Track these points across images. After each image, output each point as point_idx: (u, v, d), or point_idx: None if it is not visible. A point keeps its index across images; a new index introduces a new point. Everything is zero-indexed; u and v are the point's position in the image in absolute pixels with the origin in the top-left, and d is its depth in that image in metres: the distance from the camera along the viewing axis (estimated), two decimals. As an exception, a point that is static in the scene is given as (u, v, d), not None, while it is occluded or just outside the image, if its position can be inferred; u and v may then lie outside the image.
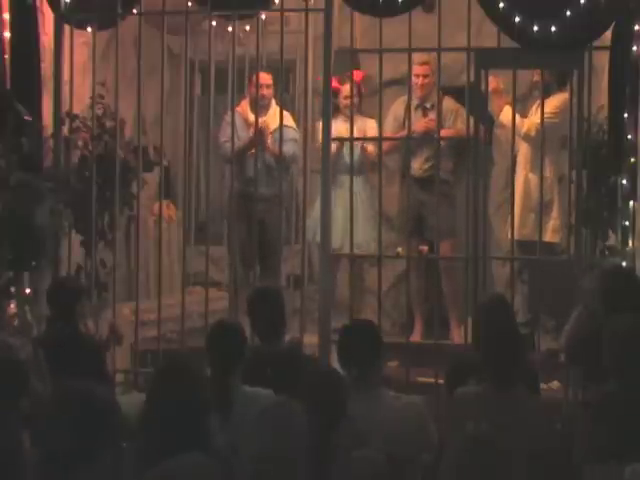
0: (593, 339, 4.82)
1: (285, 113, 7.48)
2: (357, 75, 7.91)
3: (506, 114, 7.35)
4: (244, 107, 7.84)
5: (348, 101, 7.66)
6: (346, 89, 7.75)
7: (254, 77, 7.62)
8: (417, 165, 7.68)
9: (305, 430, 3.74)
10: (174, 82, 8.44)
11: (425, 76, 7.67)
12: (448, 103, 7.67)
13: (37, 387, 4.68)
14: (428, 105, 7.75)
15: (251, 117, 7.73)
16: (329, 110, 7.09)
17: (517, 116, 7.31)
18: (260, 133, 7.52)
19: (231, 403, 4.48)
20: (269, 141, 7.77)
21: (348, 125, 7.26)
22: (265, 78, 7.77)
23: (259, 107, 7.52)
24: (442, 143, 7.37)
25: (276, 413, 3.74)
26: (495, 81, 7.46)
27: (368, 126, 7.81)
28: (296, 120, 8.11)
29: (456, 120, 7.71)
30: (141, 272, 7.56)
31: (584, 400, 5.07)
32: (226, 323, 5.21)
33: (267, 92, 7.83)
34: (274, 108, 7.84)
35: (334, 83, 7.55)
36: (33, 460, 3.67)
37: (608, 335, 4.51)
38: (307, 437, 3.74)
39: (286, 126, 7.43)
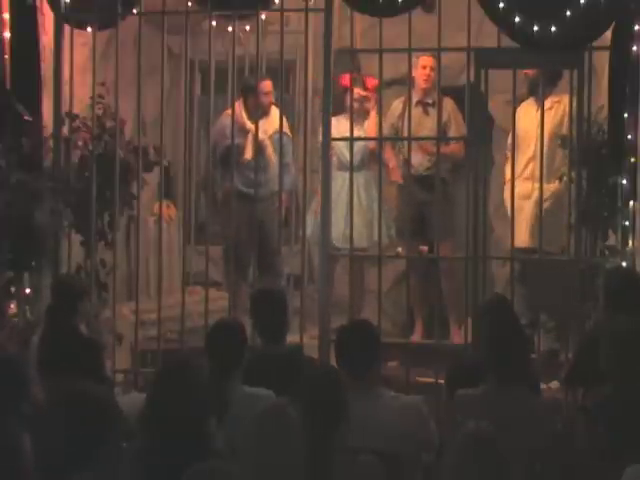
0: (592, 341, 4.84)
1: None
2: (370, 82, 7.89)
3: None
4: (238, 112, 7.71)
5: (356, 104, 7.65)
6: (355, 91, 7.72)
7: (253, 83, 7.63)
8: (418, 161, 7.63)
9: (303, 432, 3.73)
10: (174, 82, 8.44)
11: (432, 68, 7.60)
12: (447, 105, 7.64)
13: (37, 388, 4.67)
14: (430, 101, 7.72)
15: (248, 124, 7.72)
16: (329, 110, 7.09)
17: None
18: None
19: (230, 403, 4.48)
20: (269, 150, 7.77)
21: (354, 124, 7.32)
22: (266, 85, 7.77)
23: (259, 113, 7.51)
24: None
25: (275, 415, 3.72)
26: None
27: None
28: (293, 121, 8.13)
29: (450, 128, 7.67)
30: (141, 272, 7.55)
31: (583, 401, 5.07)
32: (226, 322, 5.21)
33: (266, 99, 7.81)
34: (272, 112, 7.84)
35: (345, 81, 7.58)
36: (33, 461, 3.68)
37: (605, 337, 4.51)
38: (306, 439, 3.73)
39: (284, 133, 7.46)
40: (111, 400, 3.59)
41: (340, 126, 7.36)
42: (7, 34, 6.93)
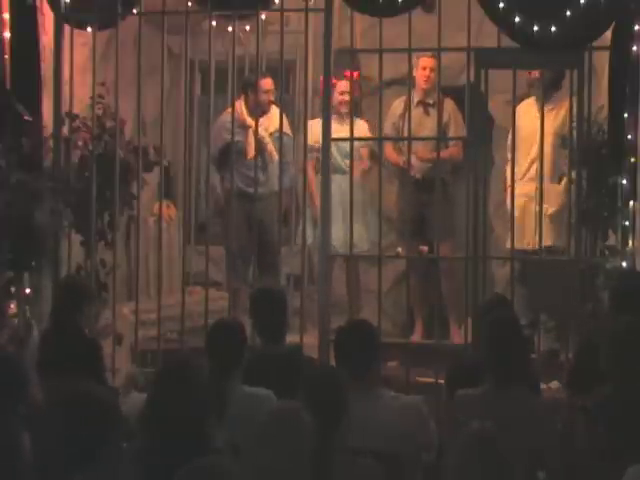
0: (593, 342, 4.84)
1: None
2: (353, 74, 7.87)
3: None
4: (239, 109, 7.73)
5: (342, 97, 7.63)
6: (341, 85, 7.71)
7: (253, 80, 7.63)
8: (416, 164, 7.60)
9: (312, 435, 3.71)
10: (174, 82, 8.44)
11: (432, 70, 7.58)
12: (447, 106, 7.63)
13: (35, 388, 4.68)
14: (430, 101, 7.70)
15: (249, 120, 7.72)
16: (329, 110, 7.09)
17: None
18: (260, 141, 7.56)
19: (230, 403, 4.48)
20: (270, 147, 7.76)
21: (338, 124, 7.31)
22: (266, 83, 7.76)
23: (259, 111, 7.50)
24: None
25: (288, 419, 3.69)
26: None
27: (358, 128, 7.61)
28: (293, 121, 8.12)
29: (449, 129, 7.65)
30: (141, 272, 7.55)
31: (583, 401, 5.07)
32: (226, 322, 5.21)
33: (266, 97, 7.79)
34: (273, 111, 7.83)
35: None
36: (36, 461, 3.68)
37: (605, 337, 4.51)
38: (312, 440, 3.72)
39: (284, 133, 7.45)
40: (113, 400, 3.59)
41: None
42: (7, 34, 6.93)
